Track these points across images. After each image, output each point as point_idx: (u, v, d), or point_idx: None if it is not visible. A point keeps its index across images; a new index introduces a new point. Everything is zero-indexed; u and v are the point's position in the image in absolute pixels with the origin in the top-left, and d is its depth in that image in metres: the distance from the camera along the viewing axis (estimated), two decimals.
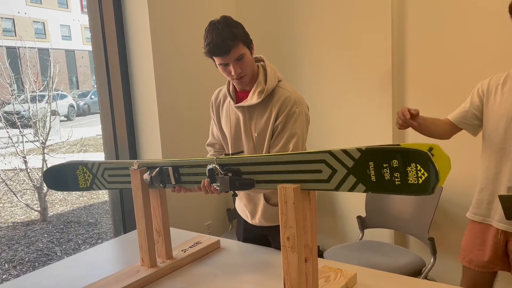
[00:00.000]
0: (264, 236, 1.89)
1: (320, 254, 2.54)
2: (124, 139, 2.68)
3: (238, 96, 1.75)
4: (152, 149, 2.67)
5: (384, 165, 1.06)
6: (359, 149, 1.10)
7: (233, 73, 1.61)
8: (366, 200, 2.66)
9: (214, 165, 1.38)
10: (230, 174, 1.35)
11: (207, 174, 1.41)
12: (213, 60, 1.63)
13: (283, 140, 1.64)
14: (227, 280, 1.51)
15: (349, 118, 2.84)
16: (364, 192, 1.12)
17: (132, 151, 2.70)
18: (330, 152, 1.15)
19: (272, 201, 1.74)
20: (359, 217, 2.68)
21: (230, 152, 1.83)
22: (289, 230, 1.20)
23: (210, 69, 1.72)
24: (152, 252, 1.61)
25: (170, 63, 2.70)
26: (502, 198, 1.40)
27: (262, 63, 1.75)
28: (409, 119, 1.67)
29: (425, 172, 0.99)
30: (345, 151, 1.13)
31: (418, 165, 1.00)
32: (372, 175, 1.09)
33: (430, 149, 1.04)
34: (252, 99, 1.67)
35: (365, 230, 2.68)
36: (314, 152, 1.18)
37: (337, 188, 1.16)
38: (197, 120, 2.85)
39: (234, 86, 1.75)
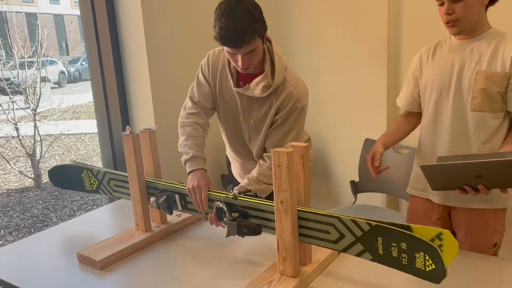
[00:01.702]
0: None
1: None
2: (116, 105, 2.65)
3: (239, 76, 1.65)
4: (145, 114, 2.64)
5: (393, 244, 1.07)
6: (368, 223, 1.10)
7: (239, 64, 1.50)
8: (360, 165, 2.68)
9: (221, 204, 1.37)
10: (237, 215, 1.35)
11: (214, 211, 1.41)
12: None
13: (281, 134, 1.62)
14: (221, 243, 1.53)
15: (344, 87, 2.81)
16: (371, 260, 1.13)
17: (124, 117, 2.67)
18: (339, 219, 1.15)
19: None
20: (352, 182, 2.70)
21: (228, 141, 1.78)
22: (283, 194, 1.20)
23: (204, 31, 1.68)
24: (147, 217, 1.62)
25: (162, 24, 2.63)
26: (424, 168, 1.36)
27: (268, 44, 1.60)
28: (379, 168, 1.67)
29: (432, 264, 1.00)
30: (354, 221, 1.13)
31: (426, 255, 1.01)
32: (380, 249, 1.09)
33: (439, 234, 1.03)
34: (255, 90, 1.58)
35: (358, 195, 2.72)
36: (324, 215, 1.18)
37: (344, 251, 1.17)
38: (190, 84, 2.81)
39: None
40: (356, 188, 2.70)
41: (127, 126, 1.58)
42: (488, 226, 1.62)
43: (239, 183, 1.91)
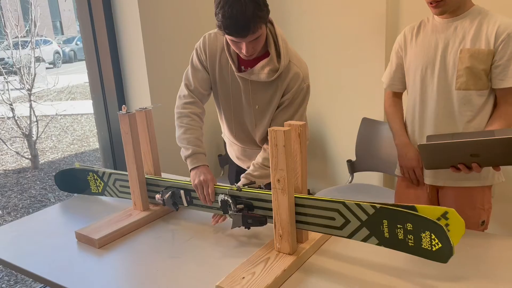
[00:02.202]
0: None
1: None
2: (111, 85, 2.63)
3: (240, 60, 1.59)
4: (140, 94, 2.63)
5: (398, 225, 1.06)
6: (373, 206, 1.09)
7: (243, 52, 1.44)
8: (356, 144, 2.69)
9: (226, 197, 1.38)
10: (242, 206, 1.35)
11: (219, 204, 1.41)
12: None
13: (288, 115, 1.60)
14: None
15: (341, 65, 2.79)
16: (377, 245, 1.12)
17: (120, 96, 2.66)
18: (344, 204, 1.14)
19: None
20: (349, 161, 2.71)
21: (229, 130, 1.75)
22: (280, 173, 1.21)
23: (200, 10, 1.64)
24: (144, 196, 1.63)
25: (157, 2, 2.59)
26: (421, 147, 1.36)
27: (270, 26, 1.55)
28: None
29: (439, 243, 1.00)
30: (359, 205, 1.12)
31: (432, 234, 1.00)
32: (386, 232, 1.09)
33: (445, 213, 1.03)
34: (261, 74, 1.53)
35: (355, 174, 2.73)
36: (328, 201, 1.18)
37: (349, 236, 1.16)
38: (187, 62, 2.79)
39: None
40: (353, 167, 2.71)
41: (123, 106, 1.57)
42: (476, 204, 1.64)
43: (236, 164, 1.92)
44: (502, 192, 2.38)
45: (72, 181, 1.87)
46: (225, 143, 1.99)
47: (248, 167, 1.77)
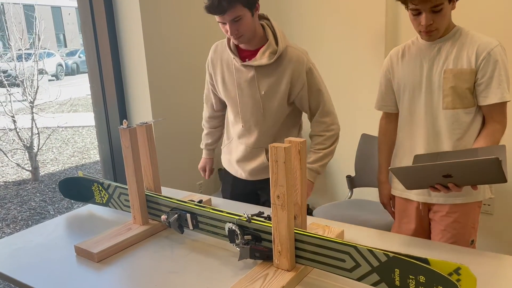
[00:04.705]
0: (254, 192, 1.97)
1: (310, 212, 2.59)
2: (113, 99, 2.65)
3: (241, 54, 1.79)
4: (142, 108, 2.65)
5: (411, 276, 1.05)
6: (386, 254, 1.08)
7: (229, 33, 1.66)
8: (356, 160, 2.69)
9: (234, 226, 1.35)
10: (250, 237, 1.33)
11: (226, 233, 1.39)
12: None
13: (314, 96, 1.80)
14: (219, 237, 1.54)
15: (341, 81, 2.82)
16: None
17: (122, 110, 2.68)
18: (356, 248, 1.13)
19: None
20: (348, 177, 2.72)
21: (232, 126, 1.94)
22: (279, 189, 1.21)
23: (202, 26, 1.68)
24: (144, 210, 1.63)
25: (160, 18, 2.63)
26: (393, 171, 1.37)
27: (266, 21, 1.75)
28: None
29: None
30: (371, 251, 1.11)
31: None
32: (397, 280, 1.08)
33: (458, 269, 1.02)
34: (262, 59, 1.72)
35: (354, 189, 2.73)
36: (340, 243, 1.16)
37: (359, 280, 1.15)
38: (188, 78, 2.81)
39: (235, 44, 1.78)
40: (353, 182, 2.71)
41: (124, 120, 1.58)
42: (467, 222, 1.65)
43: (232, 176, 2.02)
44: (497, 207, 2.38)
45: (76, 189, 1.87)
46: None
47: (246, 177, 1.89)
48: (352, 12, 2.68)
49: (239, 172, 1.96)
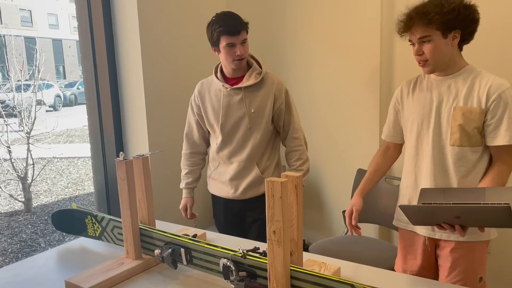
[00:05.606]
0: (242, 211, 2.10)
1: (306, 248, 2.55)
2: (110, 130, 2.65)
3: (228, 82, 2.01)
4: (139, 141, 2.65)
5: None
6: None
7: (238, 53, 1.90)
8: (352, 195, 2.68)
9: (228, 262, 1.34)
10: (244, 274, 1.31)
11: (221, 269, 1.38)
12: (214, 46, 1.94)
13: (288, 118, 2.06)
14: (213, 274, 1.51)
15: (337, 117, 2.84)
16: None
17: (119, 142, 2.68)
18: (353, 286, 1.12)
19: (266, 174, 2.06)
20: (344, 212, 2.69)
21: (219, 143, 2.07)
22: (276, 224, 1.20)
23: (198, 61, 1.72)
24: (137, 244, 1.60)
25: (158, 54, 2.67)
26: (402, 208, 1.37)
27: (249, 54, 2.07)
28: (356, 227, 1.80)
29: None
30: None
31: None
32: None
33: None
34: (249, 80, 1.98)
35: None
36: (336, 281, 1.16)
37: None
38: (185, 112, 2.83)
39: (222, 75, 2.02)
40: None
41: (121, 152, 1.58)
42: (474, 258, 1.62)
43: (223, 200, 2.14)
44: (496, 247, 2.35)
45: (69, 221, 1.83)
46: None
47: (236, 196, 2.05)
48: (348, 49, 2.73)
49: (231, 191, 2.07)
